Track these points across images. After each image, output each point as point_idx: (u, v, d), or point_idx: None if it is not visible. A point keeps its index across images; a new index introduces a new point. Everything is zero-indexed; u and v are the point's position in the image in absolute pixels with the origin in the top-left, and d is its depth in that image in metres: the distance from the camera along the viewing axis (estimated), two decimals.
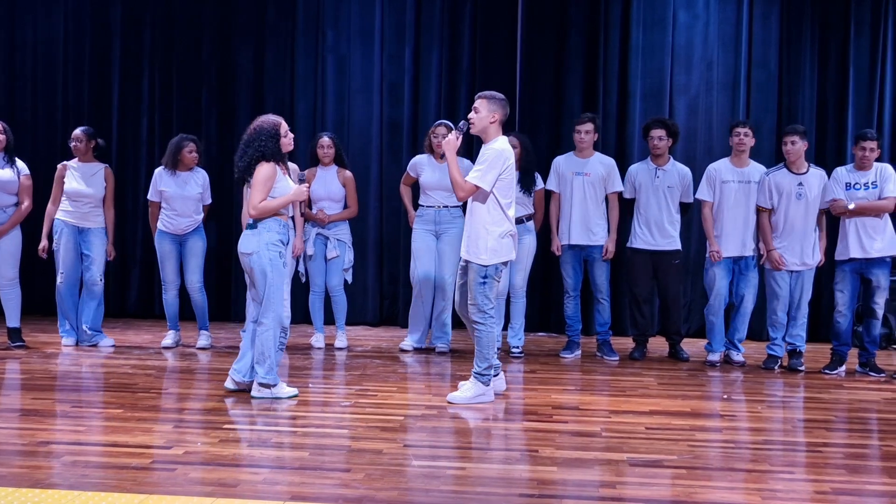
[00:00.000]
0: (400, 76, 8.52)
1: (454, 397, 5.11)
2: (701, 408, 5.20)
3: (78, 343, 6.97)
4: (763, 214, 6.55)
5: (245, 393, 5.16)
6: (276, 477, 3.64)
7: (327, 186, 6.95)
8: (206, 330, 7.04)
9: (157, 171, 6.94)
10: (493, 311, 5.11)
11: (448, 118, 8.25)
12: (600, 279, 6.86)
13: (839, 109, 8.07)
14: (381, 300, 8.65)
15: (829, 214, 6.49)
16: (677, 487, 3.60)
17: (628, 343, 7.20)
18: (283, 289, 5.02)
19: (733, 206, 6.60)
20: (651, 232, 6.78)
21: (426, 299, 6.93)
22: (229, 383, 5.26)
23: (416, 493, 3.46)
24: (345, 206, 7.03)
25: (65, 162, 6.98)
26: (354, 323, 8.17)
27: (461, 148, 5.31)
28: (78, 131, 6.98)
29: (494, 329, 5.13)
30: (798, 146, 6.44)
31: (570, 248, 6.84)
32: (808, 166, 6.52)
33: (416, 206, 7.02)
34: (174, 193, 6.83)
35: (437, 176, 6.76)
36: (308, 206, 6.83)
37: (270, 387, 5.05)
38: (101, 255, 6.94)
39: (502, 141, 5.10)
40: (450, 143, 5.14)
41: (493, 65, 8.36)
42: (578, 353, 6.94)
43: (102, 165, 7.01)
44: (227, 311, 8.49)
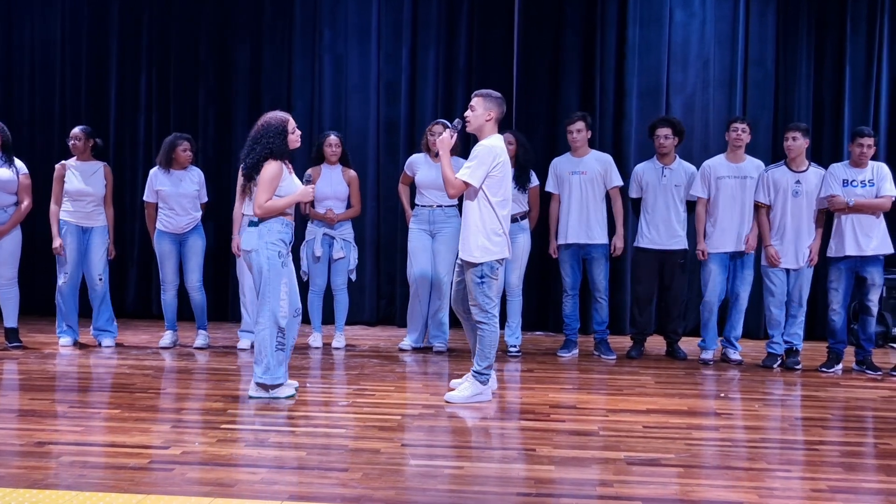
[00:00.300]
0: (397, 75, 8.52)
1: (452, 396, 5.11)
2: (698, 406, 5.21)
3: (75, 342, 6.97)
4: (761, 210, 6.57)
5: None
6: (274, 477, 3.64)
7: (333, 186, 6.93)
8: (203, 329, 7.04)
9: (153, 171, 6.94)
10: (495, 309, 5.11)
11: (445, 117, 8.23)
12: (599, 278, 6.87)
13: (835, 106, 8.07)
14: (378, 300, 8.65)
15: (828, 210, 6.49)
16: (675, 486, 3.60)
17: (626, 342, 7.21)
18: (279, 288, 4.97)
19: (729, 201, 6.60)
20: (658, 231, 6.78)
21: (422, 299, 6.93)
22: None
23: (413, 493, 3.47)
24: (348, 206, 7.04)
25: (63, 161, 6.96)
26: (352, 322, 8.16)
27: (459, 147, 5.30)
28: (77, 130, 6.97)
29: (497, 328, 5.13)
30: (799, 143, 6.45)
31: (568, 247, 6.85)
32: (809, 164, 6.53)
33: (412, 205, 7.03)
34: (170, 192, 6.83)
35: (433, 175, 6.76)
36: (310, 204, 6.82)
37: (268, 387, 5.04)
38: (102, 254, 6.93)
39: (495, 138, 5.09)
40: (444, 141, 5.14)
41: (489, 63, 8.36)
42: (576, 352, 6.95)
43: (101, 164, 6.99)
44: (224, 311, 8.49)
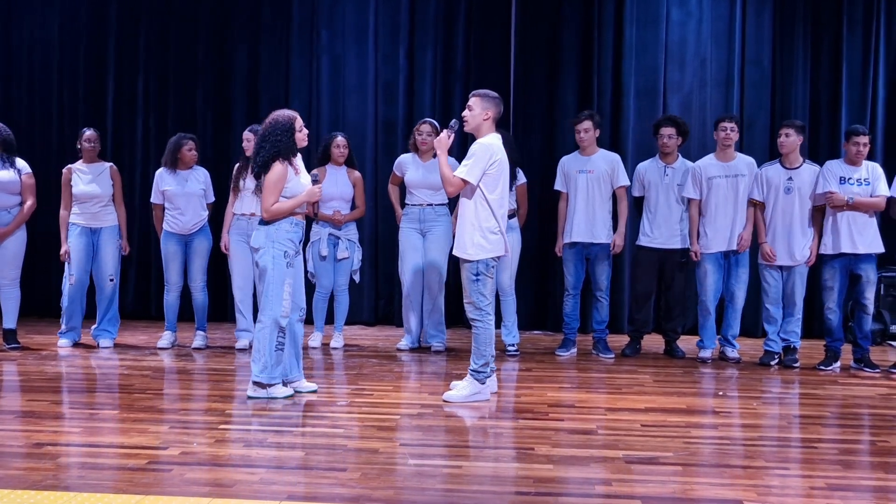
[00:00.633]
0: (394, 75, 8.52)
1: (450, 396, 5.13)
2: (696, 405, 5.21)
3: (75, 343, 6.95)
4: (755, 208, 6.57)
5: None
6: (272, 477, 3.64)
7: (339, 186, 6.91)
8: (202, 330, 7.04)
9: (158, 172, 6.94)
10: (489, 307, 5.12)
11: (442, 117, 8.25)
12: (601, 277, 6.87)
13: (832, 105, 8.08)
14: (377, 300, 8.65)
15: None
16: (673, 484, 3.61)
17: (624, 340, 7.21)
18: (282, 289, 4.98)
19: (722, 200, 6.61)
20: (660, 230, 6.78)
21: (414, 298, 6.93)
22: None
23: (412, 492, 3.47)
24: (353, 206, 7.03)
25: (69, 165, 6.94)
26: (351, 322, 8.15)
27: (456, 147, 5.32)
28: (91, 133, 6.92)
29: (492, 326, 5.14)
30: (791, 139, 6.45)
31: (572, 246, 6.84)
32: (803, 161, 6.54)
33: (403, 204, 7.03)
34: (176, 192, 6.82)
35: (422, 174, 6.77)
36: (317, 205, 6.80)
37: (265, 386, 5.04)
38: (112, 253, 6.89)
39: (492, 136, 5.12)
40: (441, 141, 5.17)
41: (487, 63, 8.36)
42: (574, 350, 6.95)
43: (108, 164, 6.97)
44: (223, 312, 8.48)
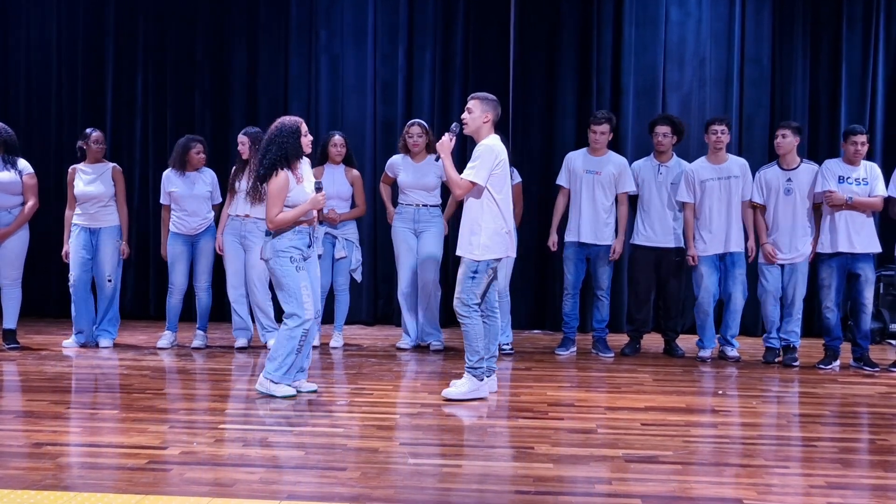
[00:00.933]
0: (393, 75, 8.52)
1: (449, 393, 5.15)
2: (696, 404, 5.22)
3: (82, 345, 6.93)
4: (756, 210, 6.58)
5: (253, 393, 5.19)
6: (272, 476, 3.64)
7: (336, 185, 6.91)
8: (203, 330, 7.03)
9: (166, 173, 6.93)
10: (477, 305, 5.14)
11: (441, 117, 8.27)
12: (602, 277, 6.87)
13: (832, 105, 8.09)
14: (376, 299, 8.65)
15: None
16: (673, 483, 3.61)
17: (624, 339, 7.21)
18: (301, 293, 5.01)
19: (716, 203, 6.61)
20: (654, 229, 6.79)
21: (411, 298, 6.94)
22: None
23: (412, 491, 3.47)
24: (352, 205, 7.03)
25: (74, 165, 6.94)
26: (350, 322, 8.15)
27: (456, 148, 5.34)
28: (99, 133, 6.91)
29: (479, 321, 5.15)
30: (788, 140, 6.46)
31: (575, 245, 6.84)
32: (800, 161, 6.54)
33: (395, 203, 7.03)
34: (183, 193, 6.82)
35: (414, 176, 6.78)
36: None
37: (276, 384, 5.06)
38: (110, 254, 6.87)
39: (493, 138, 5.18)
40: (444, 145, 5.20)
41: (486, 63, 8.36)
42: (574, 349, 6.95)
43: (110, 165, 6.95)
44: (223, 312, 8.46)
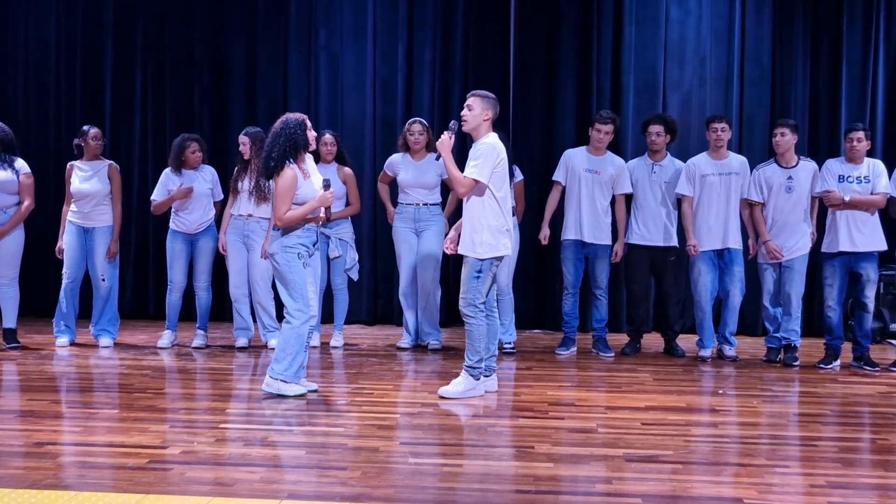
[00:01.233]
0: (393, 74, 8.51)
1: (445, 391, 5.17)
2: (696, 403, 5.22)
3: (72, 342, 6.95)
4: (755, 208, 6.58)
5: (256, 392, 5.20)
6: (272, 475, 3.64)
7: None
8: (203, 330, 7.02)
9: (165, 171, 6.92)
10: (483, 305, 5.15)
11: (441, 115, 8.26)
12: (601, 276, 6.86)
13: (832, 103, 8.08)
14: (376, 299, 8.64)
15: (820, 205, 6.53)
16: (673, 482, 3.61)
17: (623, 339, 7.22)
18: (307, 289, 5.02)
19: (715, 199, 6.61)
20: (648, 228, 6.80)
21: (411, 297, 6.93)
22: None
23: (412, 491, 3.47)
24: (346, 204, 7.01)
25: (72, 162, 6.93)
26: (350, 322, 8.15)
27: (456, 147, 5.34)
28: (98, 130, 6.89)
29: (484, 323, 5.16)
30: (787, 138, 6.46)
31: (575, 244, 6.83)
32: (799, 159, 6.55)
33: (394, 203, 7.02)
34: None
35: (415, 174, 6.78)
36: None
37: (285, 383, 5.06)
38: (104, 253, 6.86)
39: (493, 136, 5.19)
40: (444, 143, 5.20)
41: (486, 62, 8.36)
42: (574, 349, 6.95)
43: (107, 162, 6.93)
44: (223, 311, 8.47)
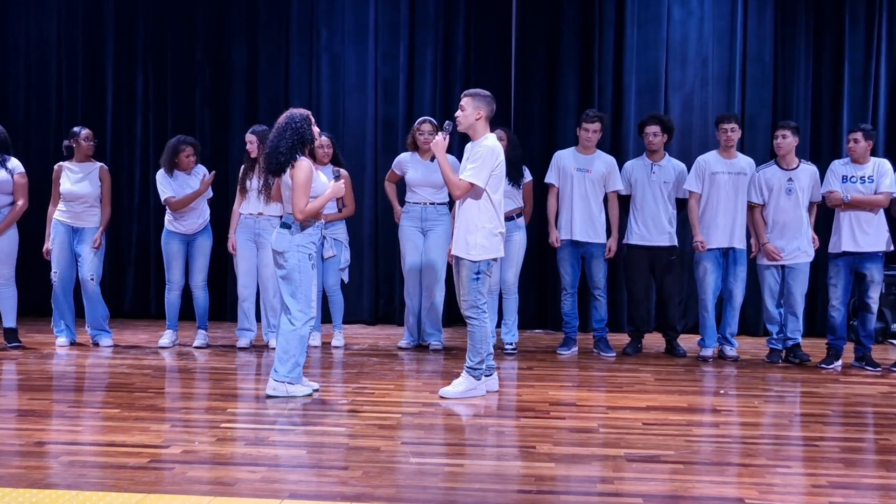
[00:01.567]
0: (394, 74, 8.52)
1: (446, 392, 5.16)
2: (697, 403, 5.21)
3: (72, 343, 6.95)
4: (755, 210, 6.58)
5: (259, 392, 5.18)
6: (273, 475, 3.64)
7: (325, 186, 6.88)
8: (203, 329, 7.03)
9: (159, 173, 6.91)
10: (485, 305, 5.15)
11: (443, 116, 8.24)
12: (598, 276, 6.87)
13: (834, 103, 8.08)
14: (377, 299, 8.64)
15: (824, 207, 6.53)
16: (675, 482, 3.60)
17: (625, 339, 7.21)
18: (311, 290, 5.00)
19: (723, 197, 6.62)
20: (647, 228, 6.80)
21: (415, 296, 6.93)
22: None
23: (413, 491, 3.46)
24: (342, 206, 7.02)
25: (61, 163, 6.94)
26: (351, 322, 8.17)
27: (455, 147, 5.33)
28: (89, 131, 6.90)
29: (487, 324, 5.16)
30: (788, 140, 6.46)
31: (570, 245, 6.83)
32: (799, 162, 6.55)
33: (402, 202, 7.02)
34: (176, 195, 6.81)
35: (423, 173, 6.77)
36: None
37: (289, 385, 5.04)
38: (93, 254, 6.84)
39: (491, 138, 5.16)
40: (438, 144, 5.19)
41: (487, 62, 8.36)
42: (575, 349, 6.95)
43: (98, 164, 6.94)
44: (223, 311, 8.48)
